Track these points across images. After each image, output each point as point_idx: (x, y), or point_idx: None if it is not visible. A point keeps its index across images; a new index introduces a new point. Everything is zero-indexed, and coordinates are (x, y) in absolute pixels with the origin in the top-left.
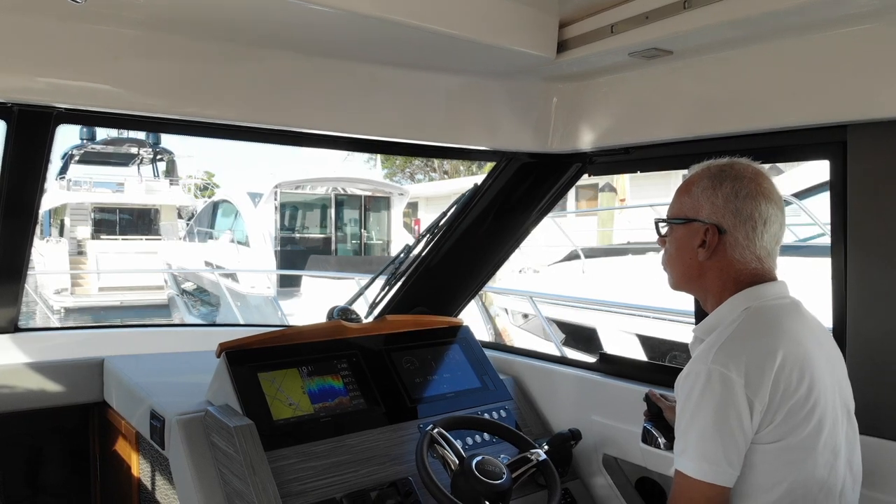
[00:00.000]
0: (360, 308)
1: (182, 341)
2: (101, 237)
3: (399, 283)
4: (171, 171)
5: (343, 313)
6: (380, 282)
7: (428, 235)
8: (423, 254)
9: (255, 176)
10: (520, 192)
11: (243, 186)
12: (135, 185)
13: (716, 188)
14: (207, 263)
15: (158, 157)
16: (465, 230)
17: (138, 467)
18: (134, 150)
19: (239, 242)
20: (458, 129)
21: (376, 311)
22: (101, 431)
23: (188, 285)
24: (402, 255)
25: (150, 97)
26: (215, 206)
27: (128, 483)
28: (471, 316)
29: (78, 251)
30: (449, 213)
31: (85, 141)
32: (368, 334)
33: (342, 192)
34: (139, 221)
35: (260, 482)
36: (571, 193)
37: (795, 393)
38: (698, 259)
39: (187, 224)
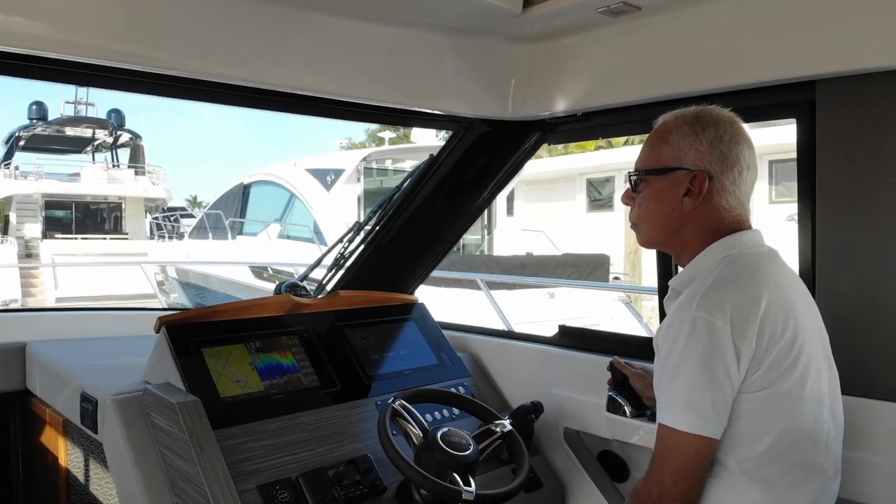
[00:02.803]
0: None
1: (118, 325)
2: (56, 236)
3: (350, 262)
4: (136, 158)
5: (292, 289)
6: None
7: (380, 211)
8: (376, 231)
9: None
10: (477, 164)
11: (301, 162)
12: (95, 173)
13: (698, 134)
14: (256, 268)
15: (119, 142)
16: (420, 205)
17: (66, 458)
18: (89, 132)
19: (289, 237)
20: (404, 90)
21: (324, 293)
22: (23, 423)
23: (194, 292)
24: (352, 231)
25: (79, 35)
26: (246, 189)
27: (55, 476)
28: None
29: (27, 253)
30: (402, 188)
31: (34, 120)
32: (320, 310)
33: None
34: (100, 217)
35: (208, 461)
36: None
37: (781, 339)
38: (682, 209)
39: (155, 220)
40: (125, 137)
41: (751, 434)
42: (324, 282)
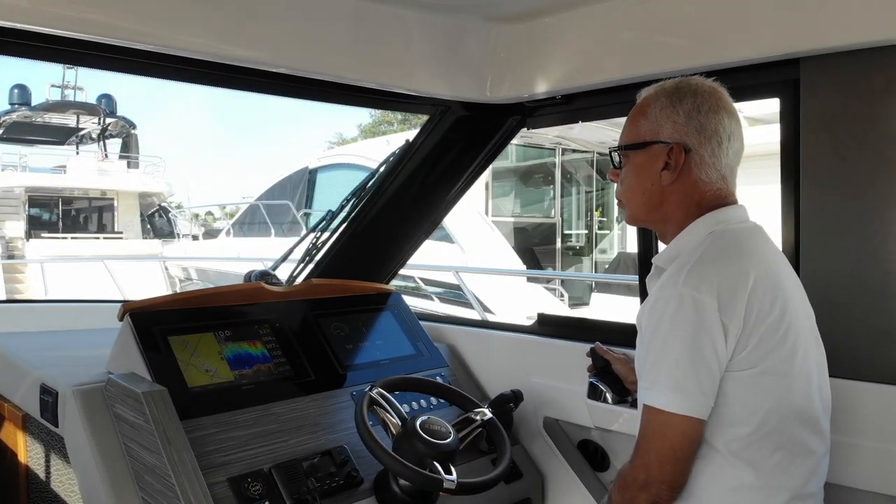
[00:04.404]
0: None
1: (83, 318)
2: (42, 235)
3: (322, 252)
4: (128, 149)
5: (263, 277)
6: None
7: (354, 199)
8: (350, 218)
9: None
10: (454, 149)
11: (396, 139)
12: (84, 165)
13: (675, 105)
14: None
15: (108, 132)
16: (395, 192)
17: (26, 453)
18: (72, 121)
19: None
20: (375, 68)
21: (297, 282)
22: None
23: None
24: (324, 219)
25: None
26: (312, 175)
27: (14, 473)
28: None
29: (9, 255)
30: (377, 174)
31: (16, 105)
32: (292, 299)
33: (569, 148)
34: (90, 214)
35: (176, 453)
36: None
37: (769, 316)
38: (661, 184)
39: (148, 219)
40: (114, 126)
41: (739, 414)
42: (296, 271)
